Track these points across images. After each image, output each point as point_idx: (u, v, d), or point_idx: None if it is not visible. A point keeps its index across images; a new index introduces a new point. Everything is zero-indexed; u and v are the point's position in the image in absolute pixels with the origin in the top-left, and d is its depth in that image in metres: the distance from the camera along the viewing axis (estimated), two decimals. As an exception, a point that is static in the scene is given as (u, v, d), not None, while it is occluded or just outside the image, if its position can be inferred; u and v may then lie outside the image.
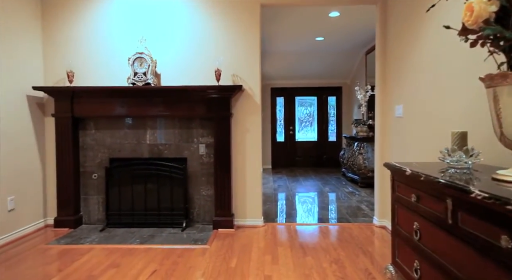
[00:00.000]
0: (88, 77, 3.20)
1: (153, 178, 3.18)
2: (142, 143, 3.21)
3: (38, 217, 3.14)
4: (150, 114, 3.09)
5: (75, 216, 3.14)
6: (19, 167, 2.90)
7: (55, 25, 3.20)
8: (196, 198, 3.20)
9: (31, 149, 3.06)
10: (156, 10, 3.17)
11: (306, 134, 7.71)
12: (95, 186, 3.24)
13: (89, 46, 3.20)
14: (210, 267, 2.25)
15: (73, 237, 2.87)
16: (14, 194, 2.84)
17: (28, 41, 3.01)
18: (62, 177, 3.12)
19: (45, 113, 3.24)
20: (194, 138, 3.19)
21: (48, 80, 3.22)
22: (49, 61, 3.22)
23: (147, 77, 3.04)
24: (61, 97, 3.08)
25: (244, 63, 3.15)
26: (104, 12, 3.18)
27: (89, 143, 3.23)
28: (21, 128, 2.94)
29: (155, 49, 3.17)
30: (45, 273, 2.16)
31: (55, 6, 3.18)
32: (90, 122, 3.22)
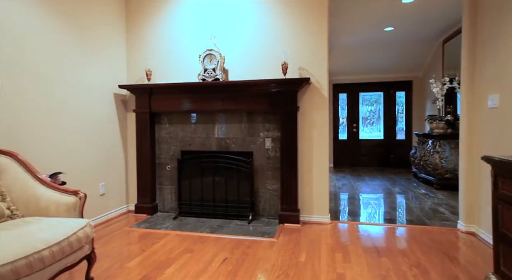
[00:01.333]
0: (163, 75, 3.45)
1: (220, 171, 3.29)
2: (211, 137, 3.35)
3: (122, 203, 3.48)
4: (218, 108, 3.20)
5: (152, 204, 3.41)
6: (107, 157, 3.25)
7: (136, 28, 3.51)
8: (261, 192, 3.23)
9: (116, 141, 3.40)
10: (224, 8, 3.27)
11: (371, 132, 7.27)
12: (169, 177, 3.47)
13: (164, 46, 3.44)
14: (279, 260, 2.23)
15: (150, 223, 3.11)
16: (105, 181, 3.20)
17: (115, 44, 3.36)
18: (141, 168, 3.42)
19: (127, 109, 3.58)
20: (260, 132, 3.22)
21: (131, 78, 3.55)
22: (131, 61, 3.55)
23: (216, 72, 3.16)
24: (140, 94, 3.37)
25: (311, 56, 3.07)
26: (177, 13, 3.39)
27: (164, 137, 3.47)
28: (109, 123, 3.29)
29: (223, 45, 3.28)
30: (130, 252, 2.38)
31: (136, 11, 3.49)
32: (164, 117, 3.46)
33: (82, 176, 2.90)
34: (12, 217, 1.79)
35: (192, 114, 3.39)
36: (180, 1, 3.37)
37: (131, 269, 2.11)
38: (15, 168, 1.96)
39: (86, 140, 2.96)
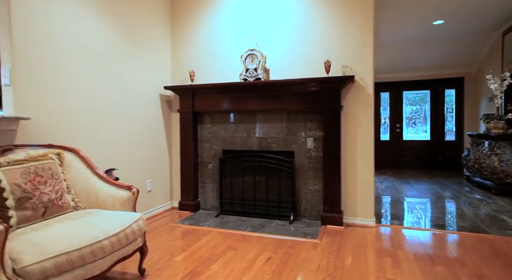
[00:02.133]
0: (206, 76, 3.54)
1: (261, 170, 3.30)
2: (252, 137, 3.37)
3: (166, 200, 3.63)
4: (259, 108, 3.21)
5: (195, 202, 3.52)
6: (154, 155, 3.41)
7: (180, 31, 3.65)
8: (303, 192, 3.18)
9: (162, 141, 3.56)
10: (265, 8, 3.28)
11: (416, 133, 6.87)
12: (210, 176, 3.55)
13: (207, 47, 3.53)
14: (324, 262, 2.18)
15: (194, 220, 3.21)
16: (152, 178, 3.36)
17: (161, 46, 3.52)
18: (185, 166, 3.54)
19: (171, 109, 3.73)
20: (301, 131, 3.17)
21: (175, 79, 3.70)
22: (175, 62, 3.69)
23: (258, 72, 3.17)
24: (184, 95, 3.49)
25: (355, 53, 2.97)
26: (219, 15, 3.46)
27: (206, 136, 3.56)
28: (155, 123, 3.45)
29: (264, 45, 3.29)
30: (177, 247, 2.47)
31: (180, 14, 3.63)
32: (207, 116, 3.55)
33: (131, 173, 3.07)
34: (76, 208, 1.94)
35: (233, 113, 3.44)
36: (222, 3, 3.45)
37: (178, 263, 2.18)
38: (78, 164, 2.12)
39: (135, 139, 3.13)
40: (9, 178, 1.64)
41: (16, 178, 1.67)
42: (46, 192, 1.78)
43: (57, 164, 1.95)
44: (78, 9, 2.49)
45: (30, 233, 1.51)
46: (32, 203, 1.68)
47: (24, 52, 2.11)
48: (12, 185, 1.63)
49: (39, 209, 1.72)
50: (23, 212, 1.64)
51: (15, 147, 1.97)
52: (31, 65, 2.15)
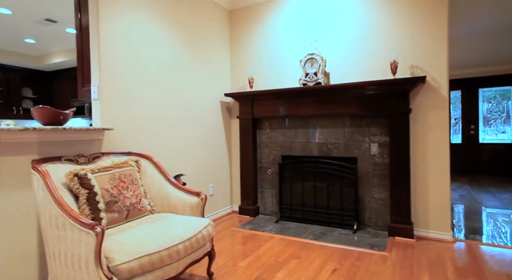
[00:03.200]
0: (264, 82, 3.58)
1: (322, 177, 3.22)
2: (312, 142, 3.31)
3: (226, 204, 3.75)
4: (319, 113, 3.14)
5: (254, 206, 3.57)
6: (215, 160, 3.55)
7: (238, 38, 3.75)
8: (367, 200, 3.02)
9: (222, 146, 3.69)
10: (325, 11, 3.20)
11: (495, 135, 6.08)
12: (269, 181, 3.58)
13: (265, 53, 3.58)
14: (396, 278, 2.03)
15: (254, 225, 3.25)
16: (213, 182, 3.50)
17: (221, 55, 3.66)
18: (244, 171, 3.62)
19: (231, 115, 3.85)
20: (365, 137, 3.02)
21: (234, 86, 3.81)
22: (235, 70, 3.80)
23: (318, 76, 3.11)
24: (243, 101, 3.57)
25: (426, 51, 2.74)
26: (277, 21, 3.48)
27: (265, 141, 3.60)
28: (217, 129, 3.59)
29: (324, 48, 3.21)
30: (241, 251, 2.52)
31: (238, 22, 3.74)
32: (265, 122, 3.59)
33: (195, 177, 3.24)
34: (152, 212, 2.10)
35: (292, 119, 3.42)
36: (280, 9, 3.46)
37: (243, 268, 2.23)
38: (152, 170, 2.30)
39: (198, 145, 3.30)
40: (100, 183, 1.84)
41: (105, 183, 1.87)
42: (128, 196, 1.96)
43: (136, 171, 2.14)
44: (153, 26, 2.71)
45: (118, 234, 1.68)
46: (118, 207, 1.87)
47: (108, 69, 2.36)
48: (102, 190, 1.83)
49: (123, 212, 1.89)
50: (111, 214, 1.82)
51: (102, 155, 2.20)
52: (114, 80, 2.40)
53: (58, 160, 1.92)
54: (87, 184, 1.79)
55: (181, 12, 3.04)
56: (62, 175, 1.80)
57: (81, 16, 2.48)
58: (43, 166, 1.75)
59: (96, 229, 1.41)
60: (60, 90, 6.07)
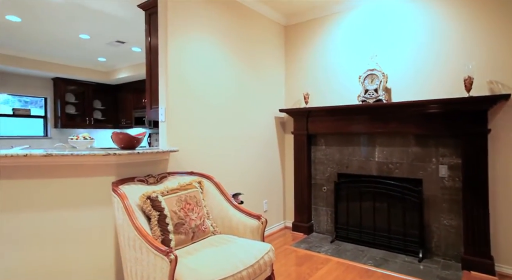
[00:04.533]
0: (320, 97, 3.52)
1: (382, 197, 3.06)
2: (370, 160, 3.16)
3: (279, 219, 3.74)
4: (379, 131, 2.99)
5: (308, 224, 3.51)
6: (269, 175, 3.57)
7: (293, 54, 3.74)
8: (434, 227, 2.79)
9: (276, 161, 3.70)
10: (386, 23, 3.05)
11: None
12: (324, 198, 3.49)
13: (321, 69, 3.51)
14: (475, 323, 1.84)
15: (309, 243, 3.19)
16: (267, 198, 3.52)
17: (276, 72, 3.68)
18: (298, 187, 3.58)
19: (285, 130, 3.84)
20: (432, 157, 2.80)
21: (288, 102, 3.81)
22: (289, 85, 3.80)
23: (378, 93, 2.97)
24: (298, 117, 3.55)
25: (508, 64, 2.45)
26: (333, 37, 3.40)
27: (320, 158, 3.52)
28: (271, 145, 3.61)
29: (385, 63, 3.06)
30: (298, 274, 2.49)
31: (293, 37, 3.73)
32: (321, 138, 3.52)
33: (251, 193, 3.28)
34: (214, 233, 2.18)
35: (350, 136, 3.30)
36: (337, 24, 3.38)
37: (302, 294, 2.19)
38: (213, 190, 2.38)
39: (254, 161, 3.34)
40: (169, 205, 1.95)
41: (173, 205, 1.98)
42: (193, 218, 2.05)
43: (199, 192, 2.23)
44: (214, 47, 2.82)
45: (186, 257, 1.76)
46: (184, 228, 1.96)
47: (174, 93, 2.50)
48: (171, 212, 1.94)
49: (189, 234, 1.99)
50: (178, 236, 1.92)
51: (168, 175, 2.34)
52: (178, 103, 2.54)
53: (131, 181, 2.08)
54: (158, 206, 1.91)
55: (239, 31, 3.12)
56: (136, 197, 1.95)
57: (151, 40, 2.67)
58: (121, 189, 1.91)
59: (170, 256, 1.50)
60: (124, 102, 6.63)
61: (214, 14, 2.83)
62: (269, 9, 3.44)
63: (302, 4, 3.32)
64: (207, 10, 2.76)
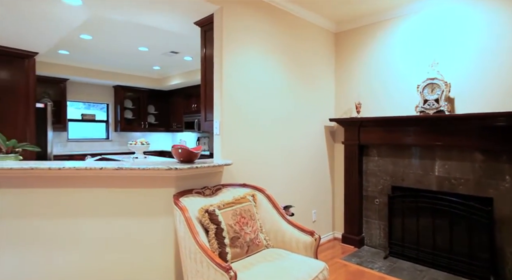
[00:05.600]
0: (372, 107, 3.38)
1: (443, 215, 2.85)
2: (430, 175, 2.96)
3: (328, 230, 3.67)
4: (440, 143, 2.78)
5: (359, 237, 3.40)
6: (318, 185, 3.52)
7: (344, 61, 3.64)
8: (509, 252, 2.53)
9: (325, 171, 3.63)
10: (448, 28, 2.83)
11: None
12: (376, 211, 3.35)
13: (373, 78, 3.37)
14: None
15: (360, 258, 3.09)
16: (316, 208, 3.48)
17: (326, 80, 3.61)
18: (348, 198, 3.48)
19: (335, 139, 3.76)
20: (505, 175, 2.54)
21: (338, 111, 3.71)
22: (339, 94, 3.70)
23: (440, 103, 2.77)
24: (349, 127, 3.44)
25: None
26: (388, 44, 3.24)
27: (372, 169, 3.39)
28: (319, 154, 3.55)
29: (448, 71, 2.84)
30: (351, 293, 2.43)
31: (344, 45, 3.62)
32: (373, 149, 3.38)
33: (300, 203, 3.27)
34: (267, 246, 2.21)
35: (406, 148, 3.12)
36: (392, 30, 3.21)
37: (356, 315, 2.13)
38: (265, 203, 2.42)
39: (304, 171, 3.32)
40: (225, 219, 2.03)
41: (229, 219, 2.05)
42: (248, 232, 2.10)
43: (253, 206, 2.28)
44: (266, 58, 2.86)
45: (242, 272, 1.81)
46: (240, 242, 2.02)
47: (229, 106, 2.59)
48: (227, 226, 2.01)
49: (244, 247, 2.04)
50: (234, 249, 1.99)
51: (222, 186, 2.43)
52: (232, 116, 2.62)
53: (190, 193, 2.19)
54: (215, 220, 1.99)
55: (289, 41, 3.12)
56: (195, 209, 2.05)
57: (206, 51, 2.79)
58: (181, 202, 2.02)
59: (230, 273, 1.56)
60: (176, 107, 6.99)
61: (265, 26, 2.87)
62: (319, 16, 3.38)
63: (355, 10, 3.21)
64: (259, 22, 2.81)
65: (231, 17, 2.58)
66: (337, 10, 3.22)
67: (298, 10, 3.15)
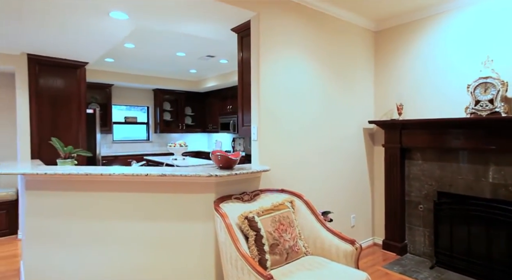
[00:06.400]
0: (415, 108, 3.21)
1: (498, 225, 2.63)
2: (482, 181, 2.75)
3: (368, 235, 3.56)
4: (495, 147, 2.57)
5: (401, 244, 3.25)
6: (357, 189, 3.42)
7: (384, 61, 3.48)
8: None
9: (364, 175, 3.52)
10: (502, 23, 2.58)
11: None
12: (421, 218, 3.18)
13: (417, 77, 3.19)
14: None
15: (403, 266, 2.96)
16: (355, 212, 3.39)
17: (364, 81, 3.49)
18: (389, 203, 3.34)
19: (374, 142, 3.62)
20: None
21: (377, 112, 3.57)
22: (378, 95, 3.55)
23: (495, 104, 2.55)
24: (390, 129, 3.30)
25: None
26: (434, 41, 3.04)
27: (416, 173, 3.22)
28: (358, 157, 3.44)
29: (503, 68, 2.60)
30: (394, 305, 2.34)
31: (384, 44, 3.46)
32: (417, 152, 3.21)
33: (338, 207, 3.20)
34: (306, 253, 2.20)
35: (454, 152, 2.92)
36: (438, 27, 3.01)
37: (401, 328, 2.05)
38: (304, 210, 2.40)
39: (341, 175, 3.24)
40: (264, 226, 2.05)
41: (268, 226, 2.06)
42: (287, 239, 2.10)
43: (291, 212, 2.28)
44: (302, 60, 2.83)
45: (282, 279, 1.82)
46: (279, 249, 2.03)
47: (266, 111, 2.60)
48: (266, 233, 2.03)
49: (283, 254, 2.05)
50: (274, 256, 2.00)
51: (261, 192, 2.45)
52: (269, 121, 2.63)
53: (229, 198, 2.24)
54: (254, 227, 2.02)
55: (326, 42, 3.05)
56: (235, 216, 2.09)
57: (243, 55, 2.82)
58: (221, 208, 2.08)
59: (271, 283, 1.57)
60: (211, 108, 7.16)
61: (301, 29, 2.83)
62: (358, 15, 3.26)
63: (397, 6, 3.06)
64: (295, 25, 2.78)
65: (267, 22, 2.59)
66: (378, 8, 3.08)
67: (336, 11, 3.07)
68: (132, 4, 2.40)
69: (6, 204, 3.95)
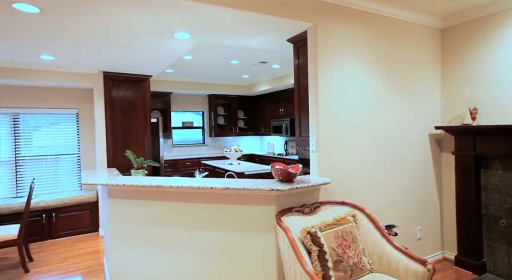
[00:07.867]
0: (492, 112, 2.87)
1: None
2: None
3: (437, 249, 3.30)
4: None
5: (478, 261, 2.95)
6: (423, 199, 3.19)
7: (452, 61, 3.17)
8: None
9: (430, 184, 3.26)
10: None
11: None
12: (503, 234, 2.85)
13: (494, 79, 2.85)
14: None
15: (480, 288, 2.70)
16: (421, 224, 3.17)
17: (429, 84, 3.22)
18: (462, 215, 3.06)
19: (442, 149, 3.33)
20: None
21: (445, 117, 3.28)
22: (446, 98, 3.26)
23: None
24: (462, 136, 3.01)
25: None
26: None
27: (495, 185, 2.89)
28: (423, 165, 3.20)
29: None
30: None
31: (453, 42, 3.16)
32: (495, 161, 2.88)
33: (401, 219, 3.02)
34: (371, 270, 2.12)
35: (543, 160, 2.57)
36: (524, 17, 2.66)
37: None
38: (366, 224, 2.32)
39: (405, 184, 3.05)
40: (327, 241, 2.02)
41: (331, 242, 2.04)
42: (351, 256, 2.05)
43: (354, 227, 2.21)
44: (360, 65, 2.72)
45: (348, 300, 1.79)
46: (343, 266, 2.00)
47: (324, 122, 2.56)
48: (330, 248, 2.00)
49: (348, 272, 2.01)
50: (338, 273, 1.97)
51: (321, 204, 2.42)
52: (328, 132, 2.58)
53: (290, 211, 2.25)
54: (317, 242, 2.01)
55: (387, 45, 2.89)
56: (297, 229, 2.10)
57: (299, 62, 2.80)
58: (283, 221, 2.10)
59: (339, 304, 1.55)
60: (263, 111, 7.25)
61: (360, 35, 2.72)
62: (421, 14, 3.03)
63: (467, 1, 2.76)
64: (353, 33, 2.68)
65: (324, 33, 2.54)
66: (444, 3, 2.82)
67: (396, 12, 2.89)
68: (194, 26, 2.54)
69: (89, 205, 4.48)
